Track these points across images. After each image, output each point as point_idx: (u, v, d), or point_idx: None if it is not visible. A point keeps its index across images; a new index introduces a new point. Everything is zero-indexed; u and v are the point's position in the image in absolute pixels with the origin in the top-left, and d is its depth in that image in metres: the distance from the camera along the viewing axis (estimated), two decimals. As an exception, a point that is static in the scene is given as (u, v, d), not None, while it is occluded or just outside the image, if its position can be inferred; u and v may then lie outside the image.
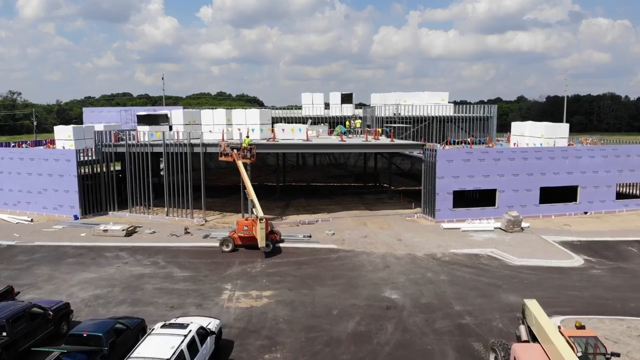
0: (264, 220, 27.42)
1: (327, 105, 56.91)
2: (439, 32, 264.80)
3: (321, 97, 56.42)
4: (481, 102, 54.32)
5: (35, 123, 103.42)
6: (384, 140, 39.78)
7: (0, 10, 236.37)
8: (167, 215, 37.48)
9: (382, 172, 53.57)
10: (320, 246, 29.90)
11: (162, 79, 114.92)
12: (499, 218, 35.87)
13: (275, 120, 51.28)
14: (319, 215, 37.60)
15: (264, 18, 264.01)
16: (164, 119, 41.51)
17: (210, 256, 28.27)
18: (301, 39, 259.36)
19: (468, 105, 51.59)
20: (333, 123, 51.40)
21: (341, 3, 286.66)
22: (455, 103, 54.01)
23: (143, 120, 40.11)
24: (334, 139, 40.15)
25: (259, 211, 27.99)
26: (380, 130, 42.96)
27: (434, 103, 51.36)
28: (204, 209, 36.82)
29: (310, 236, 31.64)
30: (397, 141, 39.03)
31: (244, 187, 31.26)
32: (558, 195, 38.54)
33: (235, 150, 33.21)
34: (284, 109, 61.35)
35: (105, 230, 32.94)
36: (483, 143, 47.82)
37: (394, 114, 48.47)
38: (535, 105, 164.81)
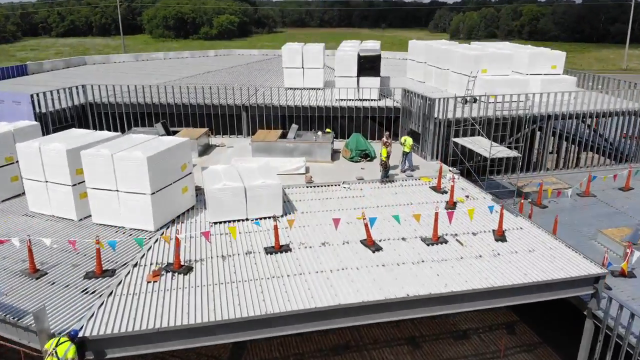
0: None
1: (326, 59, 29.26)
2: None
3: (319, 54, 27.29)
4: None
5: None
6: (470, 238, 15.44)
7: None
8: None
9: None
10: None
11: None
12: None
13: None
14: None
15: None
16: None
17: None
18: None
19: (599, 80, 26.62)
20: (345, 128, 25.32)
21: None
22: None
23: None
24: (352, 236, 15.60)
25: None
26: (462, 181, 17.39)
27: (540, 77, 26.31)
28: None
29: None
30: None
31: None
32: None
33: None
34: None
35: None
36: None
37: (468, 101, 23.55)
38: (570, 10, 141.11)
